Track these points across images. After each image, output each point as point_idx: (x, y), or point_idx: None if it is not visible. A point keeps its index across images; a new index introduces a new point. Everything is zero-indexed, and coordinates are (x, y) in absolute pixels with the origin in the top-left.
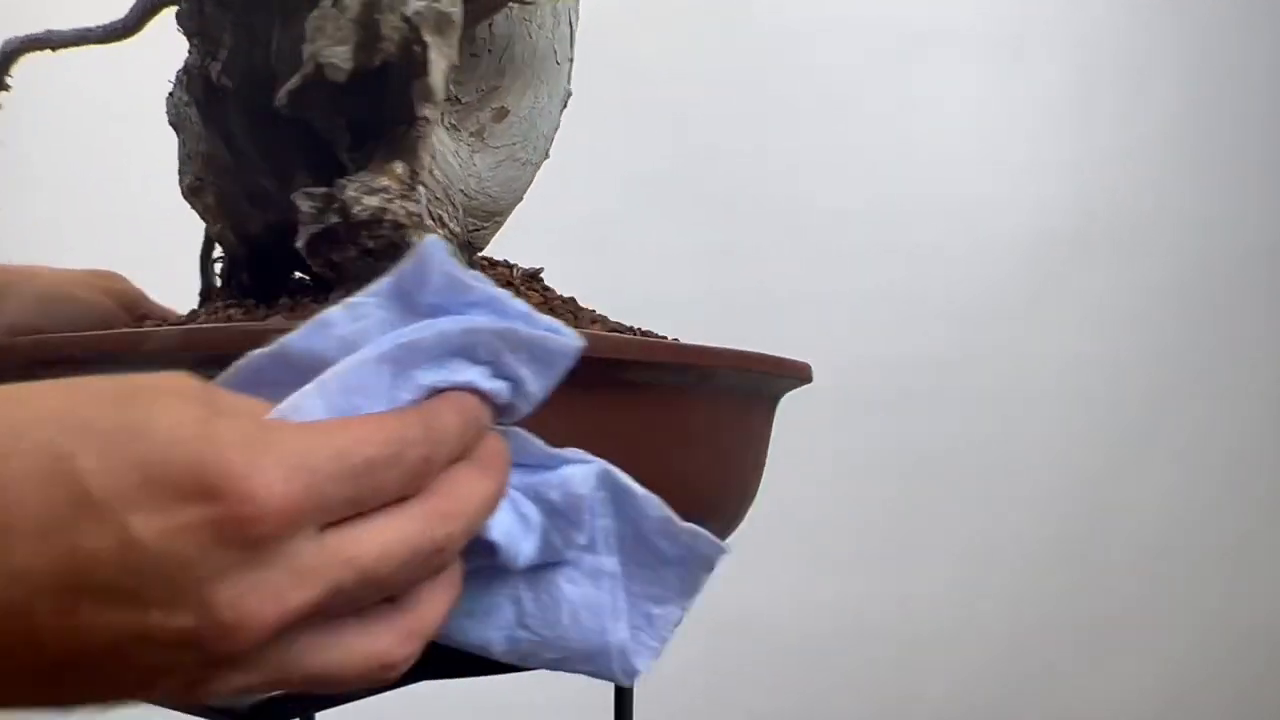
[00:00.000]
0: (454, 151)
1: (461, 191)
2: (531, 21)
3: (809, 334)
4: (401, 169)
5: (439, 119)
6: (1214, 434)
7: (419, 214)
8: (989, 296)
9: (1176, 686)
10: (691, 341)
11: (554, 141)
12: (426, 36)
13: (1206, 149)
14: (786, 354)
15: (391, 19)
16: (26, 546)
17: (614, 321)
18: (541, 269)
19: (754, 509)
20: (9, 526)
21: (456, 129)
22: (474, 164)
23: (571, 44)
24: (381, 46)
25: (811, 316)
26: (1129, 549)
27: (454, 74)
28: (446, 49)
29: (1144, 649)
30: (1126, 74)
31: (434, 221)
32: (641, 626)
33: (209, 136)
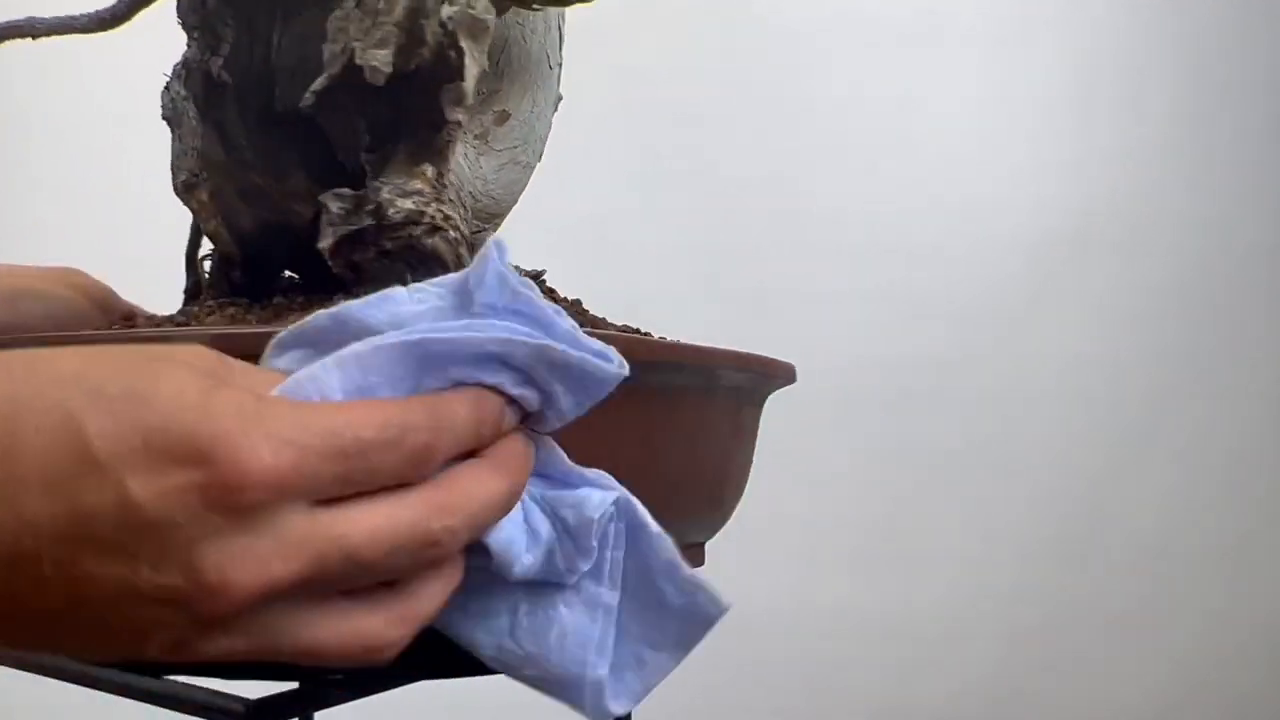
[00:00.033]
0: (462, 154)
1: (470, 193)
2: (525, 26)
3: (809, 334)
4: (431, 172)
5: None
6: (1214, 434)
7: (454, 216)
8: (989, 296)
9: (1177, 687)
10: (691, 342)
11: (551, 142)
12: (462, 42)
13: (1206, 149)
14: (788, 354)
15: (431, 24)
16: (35, 498)
17: (620, 325)
18: (544, 271)
19: (754, 509)
20: (22, 479)
21: (463, 132)
22: (480, 166)
23: (561, 48)
24: (420, 51)
25: (812, 316)
26: (1129, 549)
27: (483, 80)
28: (479, 54)
29: (1145, 649)
30: (1126, 74)
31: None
32: (630, 667)
33: (205, 132)
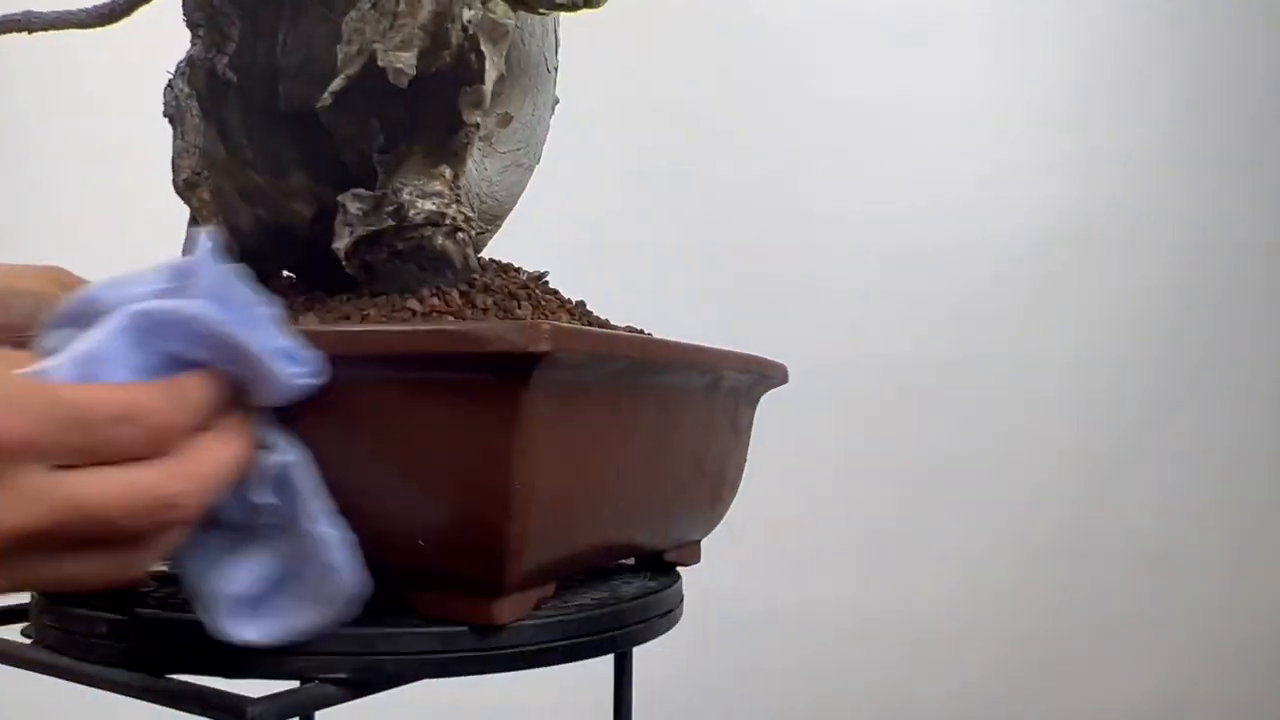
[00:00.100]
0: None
1: (475, 195)
2: (524, 30)
3: (809, 334)
4: (449, 174)
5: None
6: (1214, 434)
7: (473, 218)
8: (989, 296)
9: (1178, 687)
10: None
11: (550, 142)
12: (483, 45)
13: (1206, 149)
14: (787, 354)
15: (454, 28)
16: None
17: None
18: (547, 272)
19: (754, 508)
20: None
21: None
22: (485, 168)
23: (557, 52)
24: (443, 54)
25: (812, 316)
26: (1129, 549)
27: (497, 83)
28: (498, 58)
29: (1144, 649)
30: (1126, 74)
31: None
32: (275, 612)
33: (207, 130)
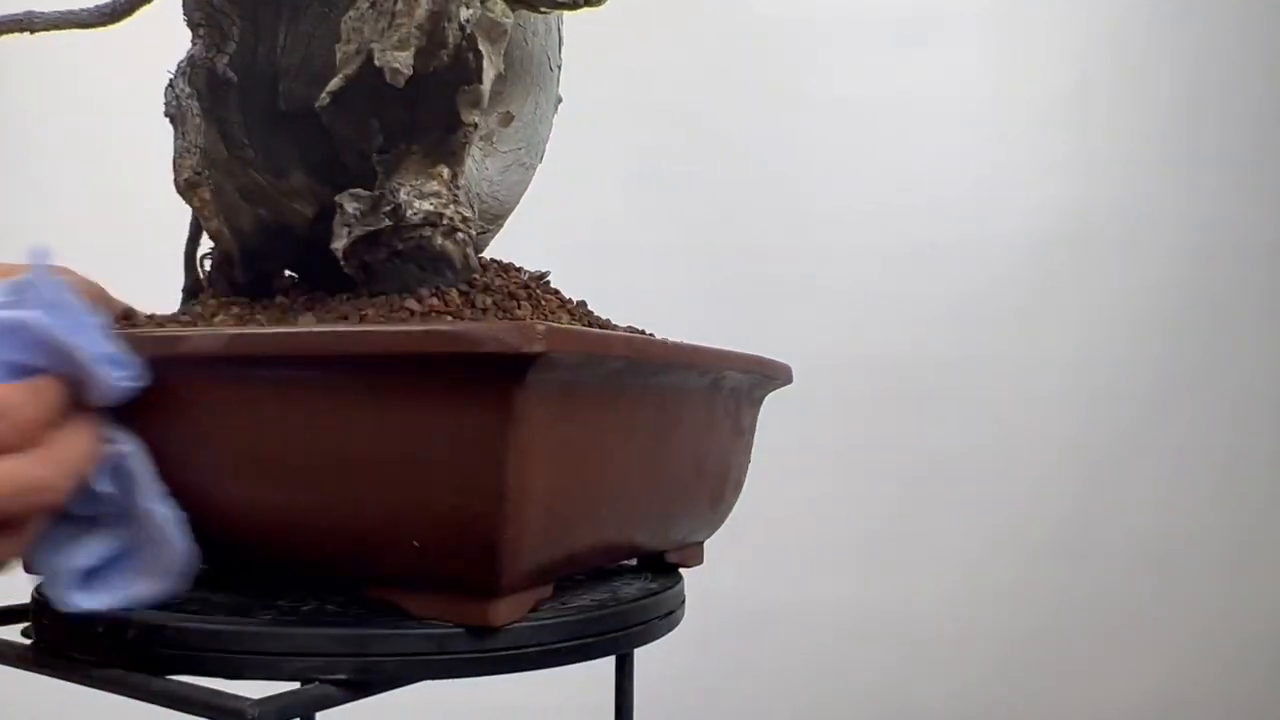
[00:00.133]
0: (470, 156)
1: (476, 195)
2: (526, 28)
3: (809, 334)
4: (447, 173)
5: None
6: (1214, 434)
7: (471, 218)
8: (989, 296)
9: (1177, 687)
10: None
11: (552, 142)
12: (481, 44)
13: (1206, 149)
14: (788, 354)
15: (451, 27)
16: None
17: (625, 326)
18: (548, 272)
19: (754, 508)
20: None
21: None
22: (485, 168)
23: (560, 50)
24: (441, 53)
25: (812, 316)
26: (1129, 549)
27: (497, 82)
28: (496, 57)
29: (1144, 649)
30: (1126, 73)
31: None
32: (112, 585)
33: (208, 130)
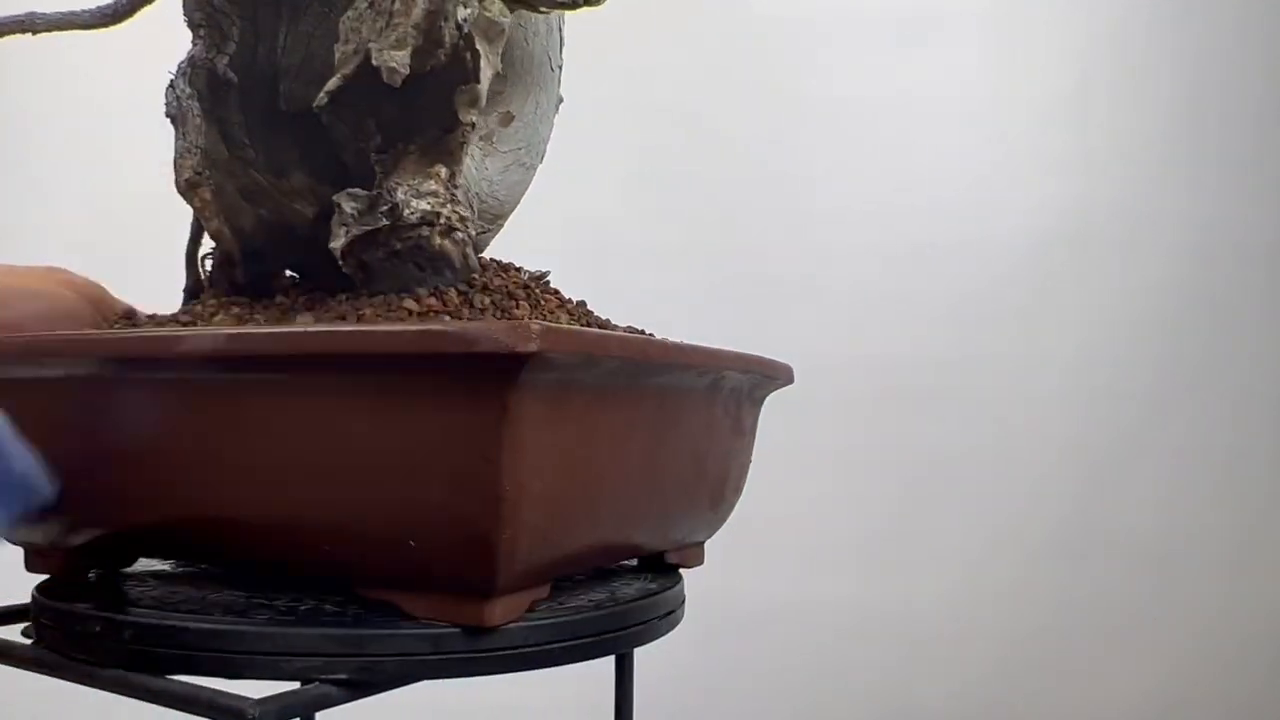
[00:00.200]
0: (469, 156)
1: (475, 195)
2: (527, 29)
3: (809, 334)
4: (445, 173)
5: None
6: (1214, 434)
7: (468, 217)
8: (989, 296)
9: (1177, 687)
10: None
11: (553, 142)
12: (478, 44)
13: (1206, 149)
14: (788, 354)
15: (448, 26)
16: None
17: (625, 326)
18: (548, 272)
19: (755, 508)
20: None
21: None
22: (485, 168)
23: (561, 51)
24: (438, 53)
25: (812, 316)
26: (1129, 548)
27: (497, 82)
28: (493, 57)
29: (1144, 649)
30: (1126, 73)
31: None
32: None
33: (209, 130)
